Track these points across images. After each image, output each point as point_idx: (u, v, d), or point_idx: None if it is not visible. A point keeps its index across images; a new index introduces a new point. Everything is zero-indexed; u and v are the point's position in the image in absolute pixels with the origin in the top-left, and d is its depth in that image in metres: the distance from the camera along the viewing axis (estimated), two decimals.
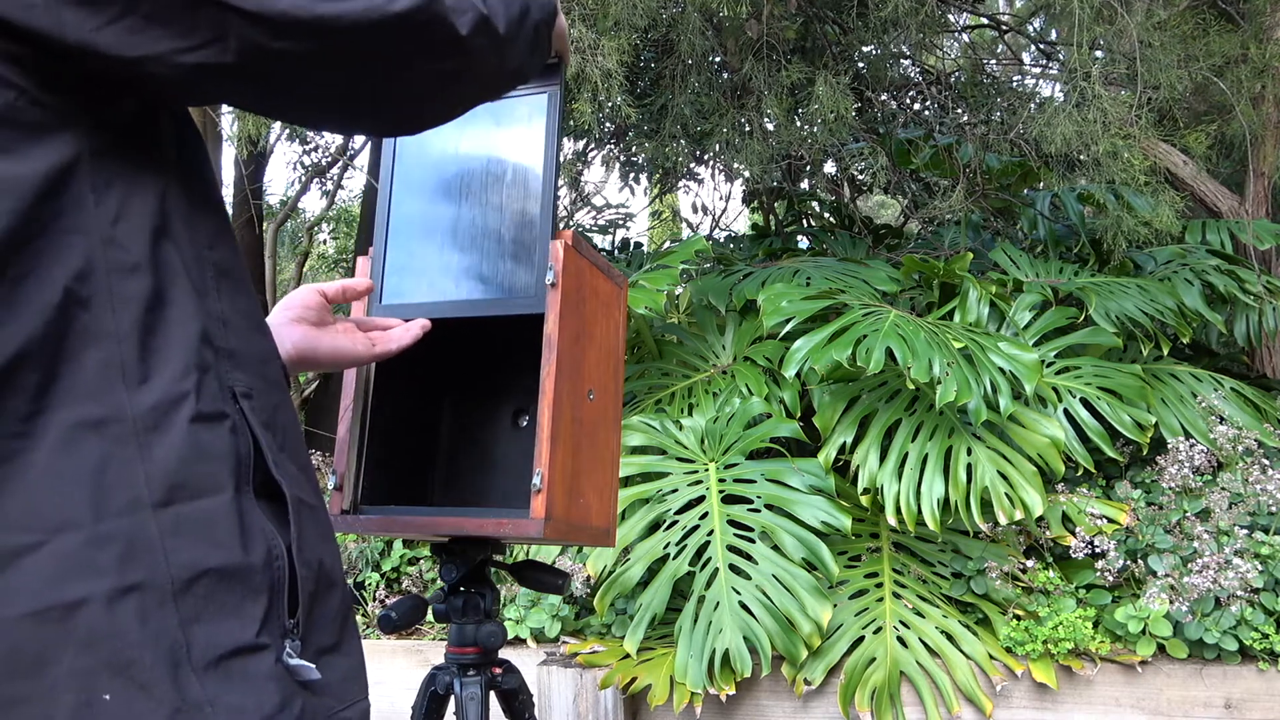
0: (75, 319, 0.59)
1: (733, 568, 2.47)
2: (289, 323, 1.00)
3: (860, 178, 4.93)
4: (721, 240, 5.14)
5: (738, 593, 2.42)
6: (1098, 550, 2.47)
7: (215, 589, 0.60)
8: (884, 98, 4.47)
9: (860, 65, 4.20)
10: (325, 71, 0.67)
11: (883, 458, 2.65)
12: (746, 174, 4.49)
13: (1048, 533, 2.60)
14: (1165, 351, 3.14)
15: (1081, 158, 3.37)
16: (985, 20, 4.88)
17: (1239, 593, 2.30)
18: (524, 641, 2.76)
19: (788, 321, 2.80)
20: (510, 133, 1.11)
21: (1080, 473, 2.83)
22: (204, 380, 0.64)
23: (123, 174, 0.63)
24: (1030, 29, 5.39)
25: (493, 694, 1.17)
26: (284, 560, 0.65)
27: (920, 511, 2.53)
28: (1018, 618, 2.49)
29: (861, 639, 2.48)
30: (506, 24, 0.74)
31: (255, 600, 0.62)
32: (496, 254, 1.08)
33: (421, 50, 0.69)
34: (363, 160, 6.32)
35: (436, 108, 0.77)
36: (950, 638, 2.48)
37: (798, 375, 2.73)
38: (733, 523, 2.55)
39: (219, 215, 0.71)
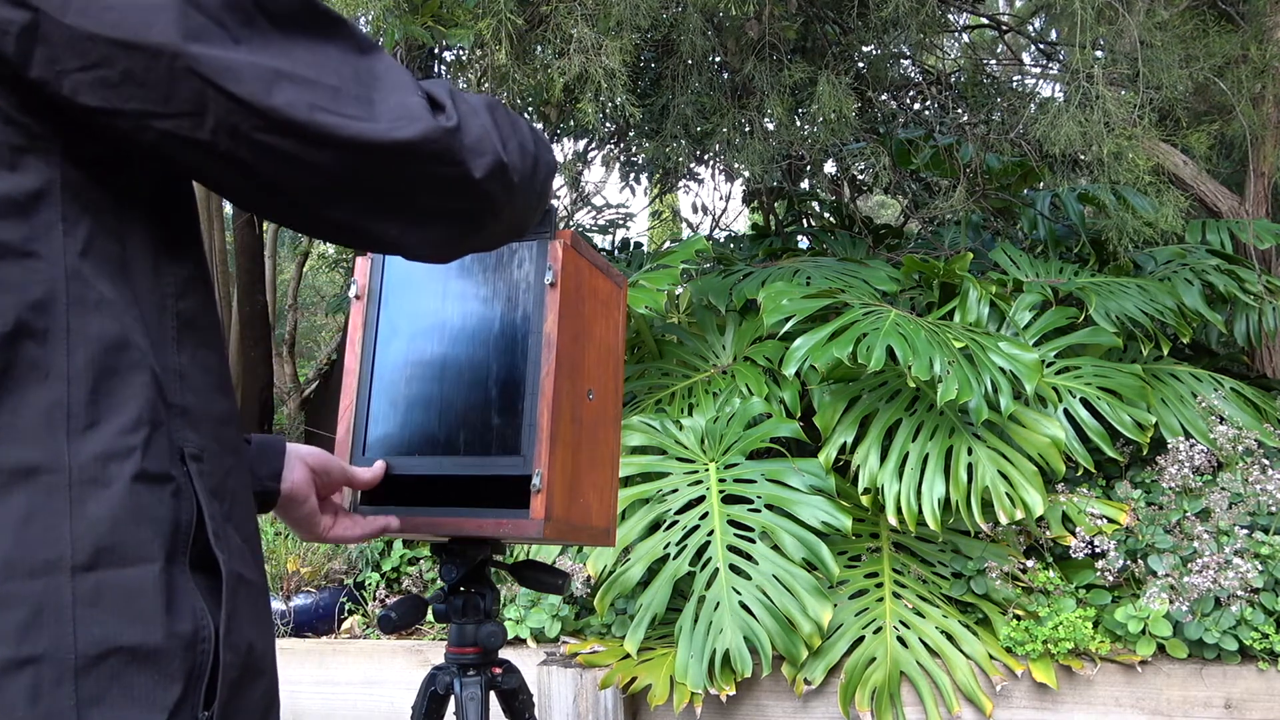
0: (25, 351, 0.55)
1: (733, 568, 2.47)
2: (301, 464, 0.97)
3: (860, 178, 4.93)
4: (721, 240, 5.14)
5: (738, 593, 2.42)
6: (1098, 550, 2.47)
7: (124, 670, 0.55)
8: (884, 98, 4.47)
9: (861, 65, 4.20)
10: (306, 178, 0.62)
11: (883, 458, 2.65)
12: (747, 174, 4.48)
13: (1048, 533, 2.60)
14: (1165, 351, 3.14)
15: (1083, 158, 3.37)
16: (985, 20, 4.87)
17: (1239, 593, 2.30)
18: (524, 641, 2.76)
19: (788, 320, 2.80)
20: (501, 280, 1.09)
21: (1080, 473, 2.83)
22: (154, 437, 0.59)
23: (93, 209, 0.59)
24: (1030, 29, 5.39)
25: (493, 694, 1.17)
26: (210, 644, 0.60)
27: (921, 511, 2.53)
28: (1018, 618, 2.49)
29: (861, 639, 2.48)
30: (521, 175, 0.71)
31: (167, 687, 0.57)
32: (481, 408, 1.07)
33: (425, 184, 0.65)
34: None
35: (426, 245, 0.72)
36: (950, 638, 2.48)
37: (798, 374, 2.73)
38: (733, 523, 2.55)
39: (193, 264, 0.67)
